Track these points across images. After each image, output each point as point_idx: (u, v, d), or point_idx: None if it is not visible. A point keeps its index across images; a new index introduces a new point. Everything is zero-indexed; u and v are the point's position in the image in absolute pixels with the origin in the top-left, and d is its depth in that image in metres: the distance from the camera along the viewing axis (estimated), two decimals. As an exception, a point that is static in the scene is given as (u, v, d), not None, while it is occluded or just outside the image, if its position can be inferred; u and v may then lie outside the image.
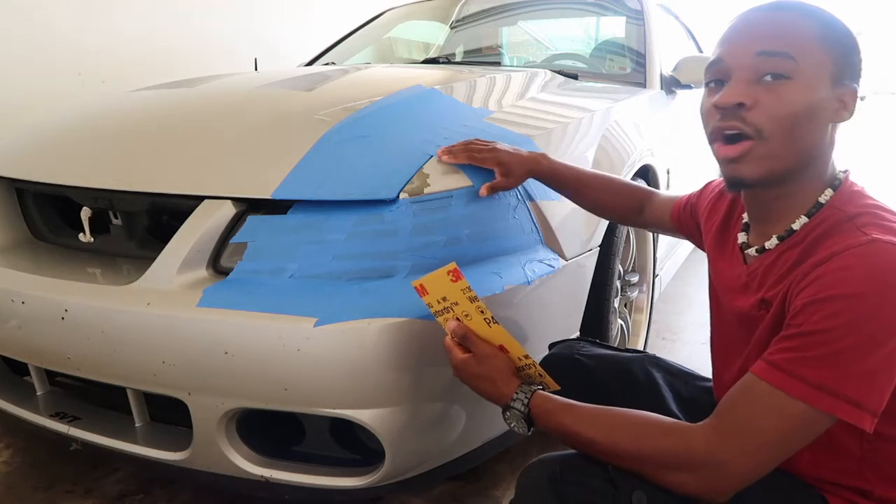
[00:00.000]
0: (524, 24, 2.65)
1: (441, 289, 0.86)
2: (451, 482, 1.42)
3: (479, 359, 0.86)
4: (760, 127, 0.72)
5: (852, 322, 0.64)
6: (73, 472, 1.47)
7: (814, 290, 0.67)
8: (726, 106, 0.73)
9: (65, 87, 2.91)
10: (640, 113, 1.78)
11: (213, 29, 3.70)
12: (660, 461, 0.72)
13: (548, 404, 0.81)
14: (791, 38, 0.72)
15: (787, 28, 0.73)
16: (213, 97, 1.56)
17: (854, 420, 0.65)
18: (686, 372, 1.06)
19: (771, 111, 0.71)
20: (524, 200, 1.18)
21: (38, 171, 1.27)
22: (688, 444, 0.70)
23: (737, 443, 0.68)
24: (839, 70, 0.72)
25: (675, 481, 0.71)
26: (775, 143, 0.72)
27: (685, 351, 2.16)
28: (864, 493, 0.75)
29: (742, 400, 0.70)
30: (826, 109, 0.73)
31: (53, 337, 1.09)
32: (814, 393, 0.65)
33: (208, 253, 1.06)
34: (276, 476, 1.06)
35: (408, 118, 1.25)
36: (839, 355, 0.64)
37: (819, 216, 0.75)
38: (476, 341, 0.87)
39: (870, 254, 0.65)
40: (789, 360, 0.67)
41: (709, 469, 0.69)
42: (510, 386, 0.84)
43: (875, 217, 0.71)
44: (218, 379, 1.00)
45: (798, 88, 0.71)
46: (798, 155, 0.74)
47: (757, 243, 0.82)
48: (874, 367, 0.64)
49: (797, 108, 0.71)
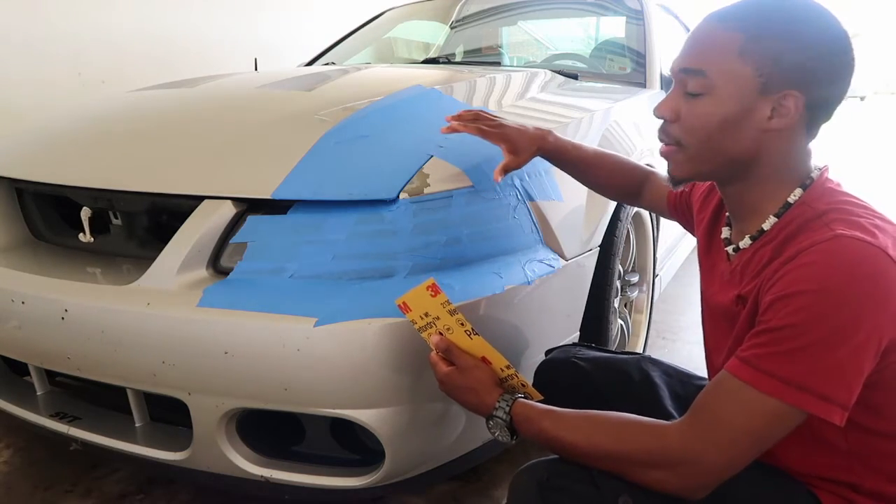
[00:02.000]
0: (524, 24, 2.65)
1: (422, 305, 0.87)
2: (451, 482, 1.42)
3: (461, 371, 0.87)
4: (678, 138, 0.79)
5: (818, 316, 0.65)
6: (73, 472, 1.47)
7: (780, 287, 0.69)
8: (658, 117, 0.82)
9: (65, 87, 2.91)
10: (640, 113, 1.78)
11: (214, 29, 3.70)
12: (638, 460, 0.73)
13: (529, 411, 0.82)
14: (706, 55, 0.75)
15: (706, 44, 0.76)
16: (214, 97, 1.56)
17: (823, 414, 0.66)
18: (682, 372, 1.07)
19: (685, 124, 0.78)
20: (524, 200, 1.18)
21: (38, 171, 1.27)
22: (663, 442, 0.72)
23: (710, 439, 0.70)
24: (768, 79, 0.72)
25: (655, 479, 0.72)
26: (692, 151, 0.79)
27: (685, 351, 2.16)
28: (854, 486, 0.76)
29: (715, 397, 0.71)
30: (752, 118, 0.74)
31: (53, 337, 1.09)
32: (783, 388, 0.66)
33: (208, 253, 1.06)
34: (276, 476, 1.06)
35: (408, 118, 1.25)
36: (806, 350, 0.65)
37: (789, 215, 0.76)
38: (459, 354, 0.88)
39: (834, 249, 0.67)
40: (759, 356, 0.68)
41: (685, 466, 0.71)
42: (492, 396, 0.85)
43: (843, 213, 0.72)
44: (218, 379, 1.00)
45: (710, 103, 0.75)
46: (723, 160, 0.78)
47: (736, 240, 0.84)
48: (842, 361, 0.65)
49: (709, 122, 0.76)
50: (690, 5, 2.83)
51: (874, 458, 0.75)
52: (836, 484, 0.76)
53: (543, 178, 1.23)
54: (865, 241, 0.66)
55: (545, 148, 1.11)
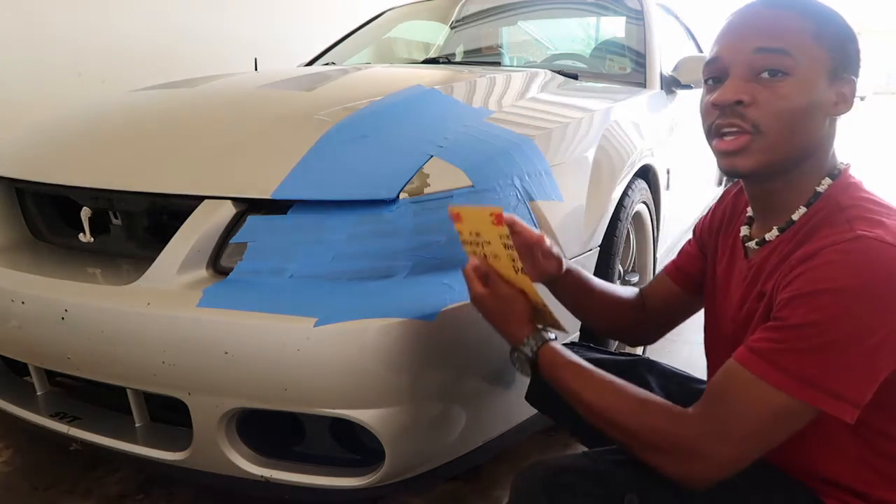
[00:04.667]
0: (524, 24, 2.65)
1: (477, 225, 0.87)
2: (451, 482, 1.42)
3: (498, 297, 0.88)
4: (758, 123, 0.73)
5: (836, 316, 0.65)
6: (73, 472, 1.47)
7: (799, 285, 0.68)
8: (724, 103, 0.74)
9: (65, 87, 2.91)
10: (640, 113, 1.78)
11: (214, 29, 3.70)
12: (649, 440, 0.73)
13: (556, 357, 0.83)
14: (787, 35, 0.73)
15: (783, 24, 0.73)
16: (214, 97, 1.56)
17: (835, 412, 0.66)
18: (681, 374, 1.06)
19: (769, 108, 0.72)
20: (524, 200, 1.18)
21: (38, 171, 1.27)
22: (680, 429, 0.71)
23: (724, 433, 0.69)
24: (836, 64, 0.73)
25: (658, 462, 0.72)
26: (773, 137, 0.73)
27: (685, 351, 2.15)
28: (862, 494, 0.75)
29: (728, 388, 0.71)
30: (824, 104, 0.73)
31: (53, 337, 1.09)
32: (795, 384, 0.66)
33: (208, 253, 1.06)
34: (276, 476, 1.06)
35: (408, 118, 1.25)
36: (822, 349, 0.65)
37: (815, 206, 0.76)
38: (499, 282, 0.88)
39: (855, 250, 0.66)
40: (773, 351, 0.68)
41: (694, 457, 0.70)
42: (524, 330, 0.86)
43: (865, 210, 0.71)
44: (218, 379, 1.00)
45: (796, 85, 0.72)
46: (796, 148, 0.75)
47: (758, 235, 0.83)
48: (856, 361, 0.65)
49: (795, 105, 0.72)
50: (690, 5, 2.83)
51: (885, 464, 0.74)
52: (845, 491, 0.76)
53: (543, 178, 1.23)
54: (887, 243, 0.66)
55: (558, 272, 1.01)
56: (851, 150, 7.47)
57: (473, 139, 1.18)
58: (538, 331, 0.86)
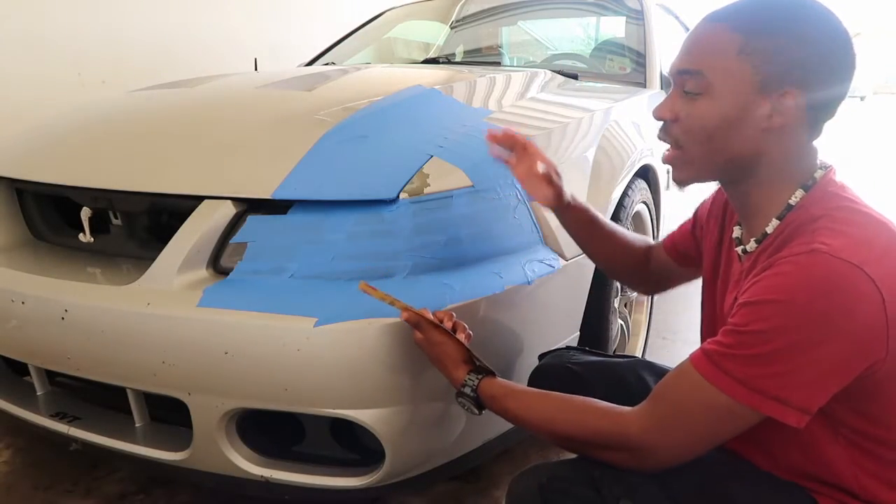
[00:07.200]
0: (524, 24, 2.65)
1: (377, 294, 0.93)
2: (451, 482, 1.42)
3: (431, 343, 0.92)
4: (678, 139, 0.79)
5: (780, 328, 0.66)
6: (73, 472, 1.47)
7: (753, 292, 0.70)
8: (657, 119, 0.81)
9: (65, 87, 2.91)
10: (640, 113, 1.78)
11: (214, 29, 3.70)
12: (597, 443, 0.77)
13: (493, 390, 0.87)
14: (704, 55, 0.75)
15: (704, 44, 0.76)
16: (213, 97, 1.56)
17: (780, 416, 0.67)
18: None
19: (684, 125, 0.77)
20: (524, 200, 1.18)
21: (38, 171, 1.27)
22: (622, 428, 0.75)
23: (667, 429, 0.72)
24: (766, 78, 0.71)
25: (612, 459, 0.77)
26: (692, 153, 0.78)
27: (685, 351, 2.15)
28: (854, 494, 0.75)
29: (675, 387, 0.74)
30: (751, 118, 0.73)
31: (53, 337, 1.09)
32: (738, 388, 0.68)
33: (208, 253, 1.06)
34: (276, 476, 1.06)
35: (408, 118, 1.25)
36: (768, 356, 0.67)
37: (788, 218, 0.76)
38: (428, 328, 0.92)
39: (805, 263, 0.67)
40: (720, 354, 0.70)
41: (641, 451, 0.74)
42: (460, 371, 0.90)
43: (832, 220, 0.70)
44: (218, 379, 1.00)
45: (709, 102, 0.75)
46: (720, 162, 0.77)
47: (746, 240, 0.84)
48: (801, 368, 0.66)
49: (708, 122, 0.75)
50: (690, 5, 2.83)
51: (876, 465, 0.74)
52: (838, 490, 0.76)
53: (543, 178, 1.23)
54: (838, 258, 0.65)
55: (562, 196, 1.06)
56: (851, 151, 7.47)
57: (473, 139, 1.18)
58: (474, 368, 0.90)
